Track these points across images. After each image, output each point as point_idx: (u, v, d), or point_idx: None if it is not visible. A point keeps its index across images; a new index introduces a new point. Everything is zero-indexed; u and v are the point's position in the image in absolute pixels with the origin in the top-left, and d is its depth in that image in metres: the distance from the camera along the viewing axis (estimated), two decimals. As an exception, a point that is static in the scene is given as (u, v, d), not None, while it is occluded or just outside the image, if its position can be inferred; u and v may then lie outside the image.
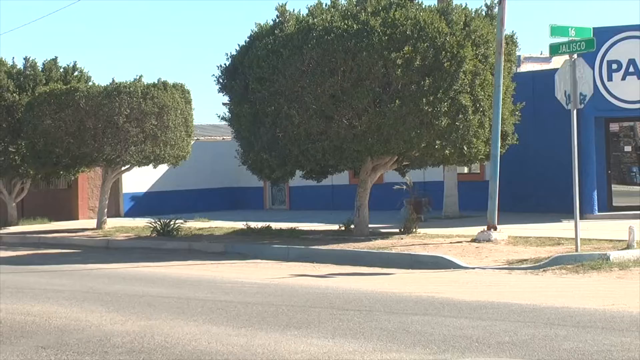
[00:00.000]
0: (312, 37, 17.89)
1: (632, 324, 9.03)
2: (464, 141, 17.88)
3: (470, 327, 9.19)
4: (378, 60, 17.37)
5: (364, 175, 19.22)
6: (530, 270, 14.04)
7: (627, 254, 14.38)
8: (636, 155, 23.16)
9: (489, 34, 18.13)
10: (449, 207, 24.05)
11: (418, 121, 17.48)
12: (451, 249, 16.29)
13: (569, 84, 15.22)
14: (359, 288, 12.58)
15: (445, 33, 17.46)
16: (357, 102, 17.59)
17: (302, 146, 18.50)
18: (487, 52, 18.08)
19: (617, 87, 21.64)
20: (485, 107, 17.96)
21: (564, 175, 19.40)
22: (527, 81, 23.11)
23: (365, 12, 18.00)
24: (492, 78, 17.82)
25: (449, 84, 17.37)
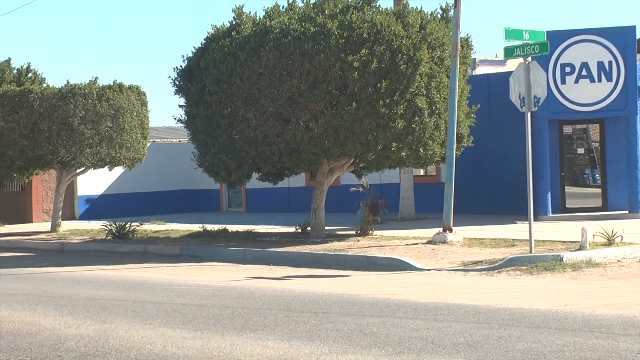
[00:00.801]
0: (269, 40, 17.89)
1: (584, 324, 9.14)
2: (420, 143, 17.98)
3: (426, 328, 9.24)
4: (335, 62, 17.42)
5: (321, 178, 19.25)
6: (485, 271, 14.15)
7: (580, 255, 14.55)
8: (589, 158, 23.44)
9: (444, 36, 18.25)
10: (405, 209, 24.16)
11: (374, 123, 17.55)
12: (407, 251, 16.37)
13: (523, 87, 15.37)
14: (315, 290, 12.60)
15: (402, 36, 17.54)
16: (313, 104, 17.62)
17: (258, 148, 18.49)
18: (443, 55, 18.20)
19: (570, 90, 21.90)
20: (441, 109, 18.07)
21: (519, 177, 19.63)
22: (482, 84, 23.30)
23: (323, 14, 18.04)
24: (448, 80, 17.94)
25: (405, 87, 17.46)
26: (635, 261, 14.53)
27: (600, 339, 8.41)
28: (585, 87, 21.84)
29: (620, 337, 8.42)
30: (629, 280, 12.79)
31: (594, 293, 11.50)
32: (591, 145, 23.50)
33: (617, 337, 8.42)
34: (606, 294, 11.43)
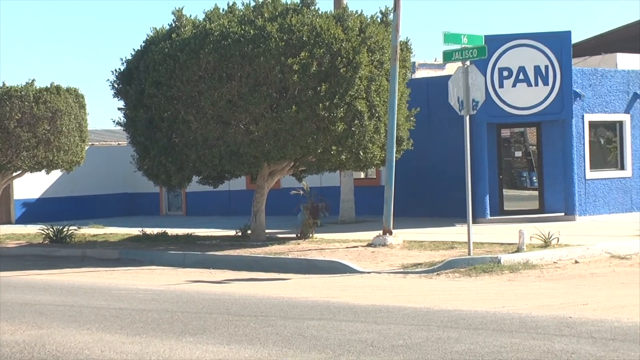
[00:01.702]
0: (209, 42, 17.82)
1: (521, 326, 9.25)
2: (360, 146, 18.05)
3: (366, 330, 9.28)
4: (275, 65, 17.41)
5: (261, 181, 19.22)
6: (425, 274, 14.26)
7: (518, 257, 14.73)
8: (526, 161, 23.75)
9: (384, 40, 18.35)
10: (345, 212, 24.23)
11: (314, 127, 17.57)
12: (347, 254, 16.42)
13: (462, 91, 15.52)
14: (255, 294, 12.57)
15: (341, 39, 17.60)
16: (254, 107, 17.59)
17: (199, 151, 18.41)
18: (383, 58, 18.30)
19: (508, 94, 22.16)
20: (380, 112, 18.16)
21: (458, 179, 19.77)
22: (421, 87, 23.46)
23: (262, 17, 18.02)
24: (388, 84, 18.04)
25: (345, 90, 17.51)
26: (571, 263, 14.76)
27: (536, 339, 8.52)
28: (523, 91, 22.12)
29: (556, 338, 8.54)
30: (565, 281, 12.99)
31: (530, 294, 11.65)
32: (528, 149, 23.81)
33: (552, 338, 8.54)
34: (542, 295, 11.58)
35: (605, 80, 23.58)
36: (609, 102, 23.65)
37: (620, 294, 11.48)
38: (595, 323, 9.21)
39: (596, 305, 10.44)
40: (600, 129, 24.01)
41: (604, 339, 8.39)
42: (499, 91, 22.14)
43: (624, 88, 23.90)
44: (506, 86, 22.14)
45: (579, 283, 12.75)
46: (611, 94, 23.67)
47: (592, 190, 23.25)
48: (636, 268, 14.23)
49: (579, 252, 15.29)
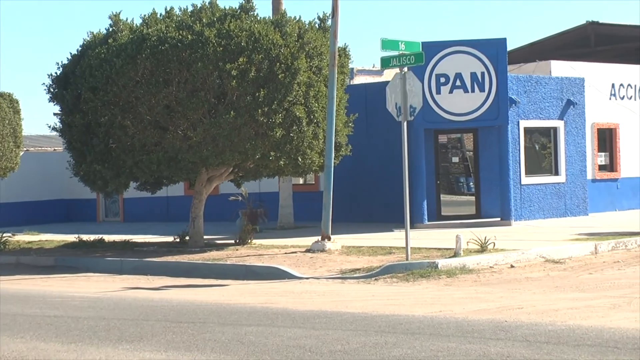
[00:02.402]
0: (146, 47, 17.70)
1: (457, 330, 9.34)
2: (298, 152, 18.06)
3: (304, 336, 9.28)
4: (213, 71, 17.36)
5: (199, 187, 19.13)
6: (363, 279, 14.32)
7: (455, 261, 14.87)
8: (463, 166, 23.99)
9: (322, 46, 18.40)
10: (284, 218, 24.22)
11: (253, 132, 17.55)
12: (286, 260, 16.41)
13: (399, 97, 15.62)
14: (193, 300, 12.50)
15: (280, 45, 17.61)
16: (192, 112, 17.51)
17: (136, 157, 18.26)
18: (321, 64, 18.35)
19: (445, 100, 22.36)
20: (319, 118, 18.20)
21: (396, 185, 19.93)
22: (360, 93, 23.56)
23: (200, 23, 17.95)
24: (326, 90, 18.09)
25: (283, 96, 17.52)
26: (507, 267, 14.95)
27: (472, 343, 8.61)
28: (460, 97, 22.34)
29: (492, 342, 8.64)
30: (501, 285, 13.15)
31: (467, 299, 11.77)
32: (465, 154, 24.06)
33: (488, 342, 8.64)
34: (479, 299, 11.71)
35: (539, 87, 23.95)
36: (544, 109, 24.01)
37: (554, 297, 11.65)
38: (530, 326, 9.34)
39: (531, 309, 10.58)
40: (535, 135, 24.36)
41: (538, 342, 8.51)
42: (436, 97, 22.33)
43: (558, 95, 24.29)
44: (443, 92, 22.34)
45: (515, 287, 12.91)
46: (546, 100, 24.04)
47: (527, 195, 23.57)
48: (570, 272, 14.47)
49: (514, 256, 15.49)
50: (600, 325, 9.25)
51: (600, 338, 8.60)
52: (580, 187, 24.67)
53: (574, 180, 24.53)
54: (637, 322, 9.41)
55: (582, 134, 24.85)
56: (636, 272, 14.30)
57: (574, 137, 24.61)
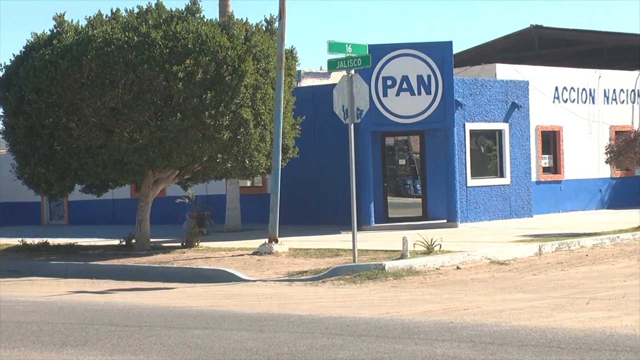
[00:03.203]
0: (91, 49, 17.55)
1: (403, 331, 9.39)
2: (245, 155, 18.04)
3: (251, 339, 9.26)
4: (159, 73, 17.27)
5: (146, 189, 19.00)
6: (310, 281, 14.33)
7: (401, 263, 14.95)
8: (410, 168, 24.14)
9: (269, 48, 18.40)
10: (231, 220, 24.15)
11: (200, 135, 17.49)
12: (233, 262, 16.37)
13: (346, 99, 15.68)
14: (139, 303, 12.41)
15: (227, 47, 17.57)
16: (138, 115, 17.40)
17: (81, 160, 18.10)
18: (268, 67, 18.34)
19: (392, 103, 22.48)
20: (266, 120, 18.20)
21: (343, 187, 19.98)
22: (307, 96, 23.60)
23: (147, 24, 17.85)
24: (273, 92, 18.09)
25: (230, 98, 17.49)
26: (453, 269, 15.07)
27: (419, 345, 8.66)
28: (406, 99, 22.47)
29: (438, 343, 8.70)
30: (447, 287, 13.26)
31: (413, 300, 11.84)
32: (412, 157, 24.21)
33: (434, 343, 8.70)
34: (425, 301, 11.78)
35: (485, 90, 24.19)
36: (489, 112, 24.26)
37: (499, 298, 11.77)
38: (475, 327, 9.42)
39: (476, 310, 10.68)
40: (480, 137, 24.60)
41: (483, 343, 8.59)
42: (383, 100, 22.44)
43: (503, 98, 24.56)
44: (390, 95, 22.46)
45: (460, 288, 13.02)
46: (491, 103, 24.29)
47: (473, 197, 23.79)
48: (514, 273, 14.64)
49: (460, 258, 15.62)
50: (543, 326, 9.37)
51: (544, 338, 8.71)
52: (525, 189, 24.97)
53: (519, 182, 24.82)
54: (579, 322, 9.55)
55: (526, 137, 25.15)
56: (579, 272, 14.52)
57: (519, 139, 24.90)
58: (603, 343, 8.38)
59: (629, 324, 9.29)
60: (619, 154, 20.39)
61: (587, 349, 8.16)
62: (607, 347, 8.19)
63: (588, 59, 32.49)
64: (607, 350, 8.06)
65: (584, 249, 17.36)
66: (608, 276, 13.85)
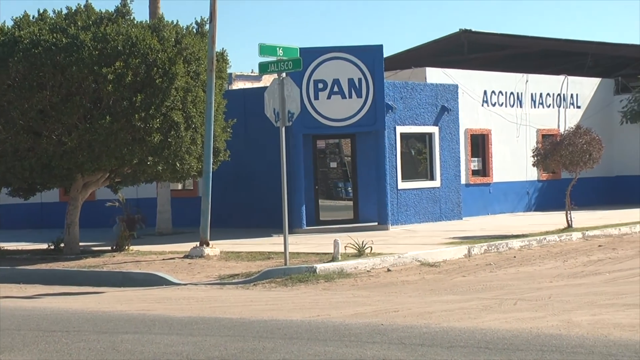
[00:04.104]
0: (18, 50, 17.27)
1: (334, 334, 9.43)
2: (176, 157, 17.93)
3: (181, 343, 9.22)
4: (88, 75, 17.08)
5: (75, 193, 18.77)
6: (242, 284, 14.31)
7: (332, 266, 15.01)
8: (342, 171, 24.24)
9: (200, 51, 18.32)
10: (162, 224, 23.98)
11: (130, 137, 17.34)
12: (164, 266, 16.27)
13: (277, 102, 15.69)
14: (67, 308, 12.25)
15: (157, 49, 17.45)
16: (66, 117, 17.19)
17: (8, 163, 17.80)
18: (199, 69, 18.27)
19: (323, 106, 22.55)
20: (197, 123, 18.12)
21: (275, 190, 19.97)
22: (238, 98, 23.55)
23: (75, 26, 17.65)
24: (204, 95, 18.03)
25: (161, 101, 17.37)
26: (384, 271, 15.18)
27: (349, 347, 8.71)
28: (337, 103, 22.56)
29: (368, 345, 8.76)
30: (378, 289, 13.35)
31: (345, 303, 11.90)
32: (344, 159, 24.31)
33: (364, 345, 8.76)
34: (356, 303, 11.85)
35: (415, 94, 24.40)
36: (419, 115, 24.48)
37: (429, 300, 11.90)
38: (406, 329, 9.51)
39: (407, 312, 10.78)
40: (411, 140, 24.81)
41: (413, 345, 8.68)
42: (314, 103, 22.50)
43: (433, 101, 24.81)
44: (321, 98, 22.54)
45: (391, 291, 13.12)
46: (421, 106, 24.51)
47: (403, 200, 23.98)
48: (444, 275, 14.80)
49: (391, 260, 15.74)
50: (472, 327, 9.49)
51: (473, 339, 8.83)
52: (455, 191, 25.25)
53: (449, 185, 25.09)
54: (507, 322, 9.70)
55: (456, 140, 25.44)
56: (507, 274, 14.74)
57: (449, 142, 25.17)
58: (530, 343, 8.53)
59: (555, 324, 9.47)
60: (545, 157, 20.74)
61: (515, 350, 8.30)
62: (533, 347, 8.33)
63: (516, 63, 32.98)
64: (533, 351, 8.20)
65: (512, 251, 17.63)
66: (535, 277, 14.09)
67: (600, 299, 11.28)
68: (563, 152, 20.25)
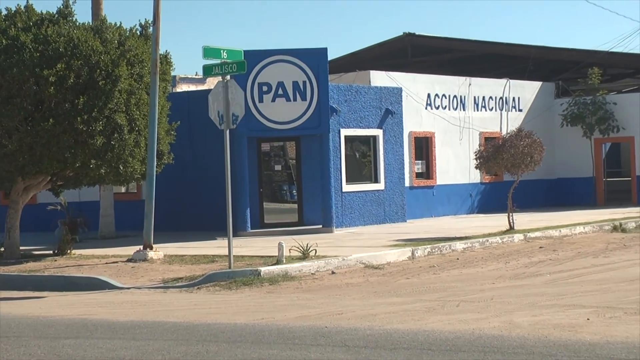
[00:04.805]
0: (-44, 51, 16.99)
1: (279, 337, 9.44)
2: (119, 160, 17.78)
3: (124, 347, 9.15)
4: (29, 77, 16.87)
5: (15, 196, 18.51)
6: (186, 288, 14.24)
7: (277, 269, 15.01)
8: (286, 174, 24.24)
9: (144, 53, 18.20)
10: (105, 227, 23.75)
11: (72, 140, 17.15)
12: (107, 270, 16.12)
13: (222, 105, 15.65)
14: (7, 313, 12.08)
15: (100, 51, 17.30)
16: (7, 120, 16.96)
17: (-53, 166, 17.50)
18: (143, 72, 18.13)
19: (267, 109, 22.53)
20: (141, 126, 17.99)
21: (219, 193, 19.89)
22: (182, 101, 23.43)
23: (16, 27, 17.41)
24: (148, 97, 17.91)
25: (104, 103, 17.21)
26: (328, 274, 15.22)
27: (293, 350, 8.72)
28: (282, 105, 22.56)
29: (312, 347, 8.78)
30: (322, 292, 13.38)
31: (289, 306, 11.90)
32: (288, 162, 24.31)
33: (309, 348, 8.78)
34: (300, 306, 11.86)
35: (360, 97, 24.50)
36: (364, 118, 24.58)
37: (373, 302, 11.95)
38: (349, 332, 9.55)
39: (351, 315, 10.82)
40: (355, 143, 24.90)
41: (356, 347, 8.72)
42: (259, 106, 22.47)
43: (377, 104, 24.93)
44: (266, 101, 22.51)
45: (335, 293, 13.16)
46: (365, 109, 24.62)
47: (348, 202, 24.06)
48: (388, 277, 14.88)
49: (335, 263, 15.78)
50: (416, 329, 9.56)
51: (416, 341, 8.90)
52: (399, 194, 25.40)
53: (393, 187, 25.22)
54: (450, 324, 9.79)
55: (400, 143, 25.59)
56: (450, 276, 14.87)
57: (393, 145, 25.31)
58: (472, 344, 8.62)
59: (496, 325, 9.58)
60: (488, 159, 20.96)
61: (457, 351, 8.38)
62: (475, 349, 8.42)
63: (459, 66, 33.31)
64: (475, 352, 8.29)
65: (455, 253, 17.78)
66: (478, 279, 14.23)
67: (541, 300, 11.44)
68: (505, 155, 20.48)
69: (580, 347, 8.35)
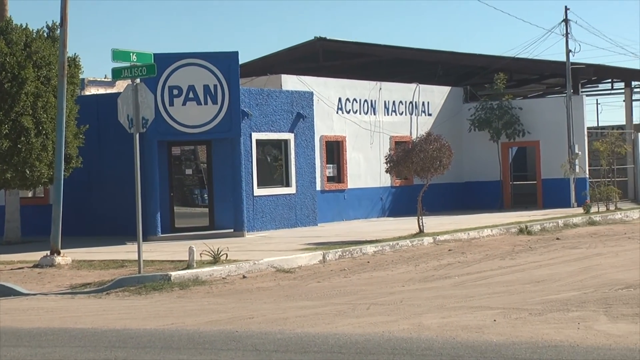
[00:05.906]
0: None
1: (189, 342, 9.37)
2: (26, 164, 17.48)
3: (29, 355, 8.97)
4: None
5: None
6: (94, 293, 14.03)
7: (188, 273, 14.90)
8: (198, 178, 24.09)
9: (51, 55, 17.93)
10: (10, 233, 23.21)
11: (-24, 143, 16.78)
12: (12, 276, 15.78)
13: (131, 108, 15.49)
14: None
15: (5, 53, 16.99)
16: None
17: None
18: (50, 74, 17.86)
19: (178, 112, 22.35)
20: (48, 129, 17.70)
21: (129, 197, 19.67)
22: (91, 104, 23.08)
23: None
24: (56, 100, 17.62)
25: (10, 106, 16.92)
26: (239, 278, 15.18)
27: (203, 354, 8.68)
28: (193, 109, 22.41)
29: (223, 352, 8.75)
30: (233, 296, 13.34)
31: (199, 310, 11.84)
32: (200, 166, 24.17)
33: (219, 352, 8.75)
34: (211, 310, 11.80)
35: (271, 100, 24.51)
36: (275, 122, 24.60)
37: (284, 306, 11.96)
38: (260, 336, 9.54)
39: (262, 319, 10.81)
40: (267, 147, 24.90)
41: (267, 351, 8.72)
42: (169, 109, 22.28)
43: (289, 108, 24.98)
44: (176, 104, 22.33)
45: (246, 297, 13.13)
46: (277, 113, 24.64)
47: (259, 206, 24.03)
48: (299, 281, 14.91)
49: (246, 267, 15.75)
50: (326, 332, 9.61)
51: (326, 344, 8.94)
52: (310, 198, 25.48)
53: (304, 191, 25.29)
54: (360, 327, 9.86)
55: (311, 147, 25.68)
56: (361, 279, 14.97)
57: (304, 149, 25.39)
58: (382, 347, 8.70)
59: (406, 328, 9.69)
60: (398, 163, 21.19)
61: (367, 353, 8.45)
62: (385, 351, 8.51)
63: (370, 71, 33.58)
64: (385, 354, 8.37)
65: (366, 256, 17.92)
66: (388, 282, 14.36)
67: (450, 302, 11.61)
68: (414, 158, 20.73)
69: (486, 347, 8.51)
